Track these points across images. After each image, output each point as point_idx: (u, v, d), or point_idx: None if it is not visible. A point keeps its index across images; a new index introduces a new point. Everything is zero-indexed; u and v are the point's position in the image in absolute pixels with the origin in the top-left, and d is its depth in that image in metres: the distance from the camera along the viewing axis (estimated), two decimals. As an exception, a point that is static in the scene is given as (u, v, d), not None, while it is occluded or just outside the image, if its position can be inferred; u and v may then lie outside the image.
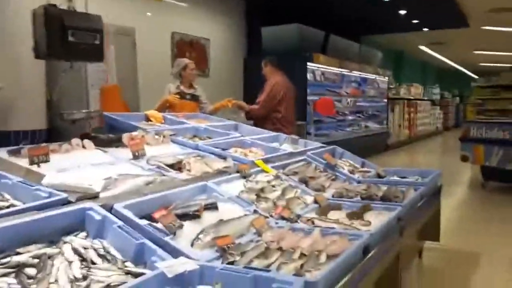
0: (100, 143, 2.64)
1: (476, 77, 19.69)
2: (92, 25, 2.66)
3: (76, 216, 1.64)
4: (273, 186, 2.54)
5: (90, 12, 2.83)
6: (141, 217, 1.81)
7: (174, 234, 1.73)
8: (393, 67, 15.94)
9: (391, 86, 13.47)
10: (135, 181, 2.11)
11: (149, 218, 1.78)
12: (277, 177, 2.70)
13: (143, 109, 4.65)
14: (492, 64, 19.89)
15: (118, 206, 1.76)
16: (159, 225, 1.74)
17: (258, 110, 5.26)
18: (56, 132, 4.20)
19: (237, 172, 2.58)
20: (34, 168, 2.06)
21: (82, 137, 2.68)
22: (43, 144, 2.23)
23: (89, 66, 4.17)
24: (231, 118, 4.68)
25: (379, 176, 3.30)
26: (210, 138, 3.42)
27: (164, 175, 2.33)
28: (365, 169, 3.49)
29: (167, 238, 1.67)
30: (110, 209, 1.75)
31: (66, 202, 1.70)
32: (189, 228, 1.81)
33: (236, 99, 5.29)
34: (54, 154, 2.28)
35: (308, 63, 8.17)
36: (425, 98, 17.21)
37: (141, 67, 5.13)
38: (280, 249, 1.76)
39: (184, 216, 1.87)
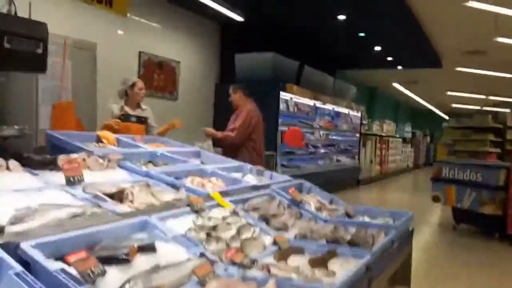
0: (31, 165, 2.28)
1: (447, 118, 20.07)
2: (35, 33, 2.35)
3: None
4: (228, 223, 2.22)
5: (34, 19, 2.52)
6: (57, 260, 1.47)
7: (93, 283, 1.39)
8: (367, 102, 16.08)
9: (364, 122, 13.48)
10: (58, 213, 1.76)
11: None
12: (234, 213, 2.39)
13: (100, 128, 4.30)
14: (463, 106, 20.36)
15: (25, 245, 1.42)
16: (75, 272, 1.40)
17: (234, 137, 5.03)
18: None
19: (188, 205, 2.25)
20: None
21: (13, 157, 2.32)
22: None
23: (42, 80, 3.83)
24: (198, 146, 4.38)
25: (348, 215, 3.03)
26: (166, 164, 3.10)
27: (99, 206, 1.99)
28: (334, 206, 3.22)
29: (82, 289, 1.32)
30: (15, 248, 1.41)
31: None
32: (114, 276, 1.46)
33: (207, 126, 5.06)
34: (-34, 175, 1.92)
35: (281, 93, 7.99)
36: (397, 136, 17.34)
37: (103, 85, 4.80)
38: (224, 305, 1.44)
39: (109, 260, 1.53)
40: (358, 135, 12.55)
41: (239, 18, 7.17)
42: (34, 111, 3.83)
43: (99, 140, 3.34)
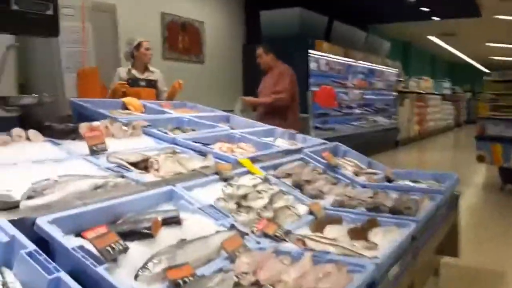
0: (53, 134, 2.19)
1: (488, 71, 19.09)
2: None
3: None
4: (260, 192, 2.07)
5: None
6: (78, 236, 1.38)
7: (114, 261, 1.28)
8: (401, 58, 15.36)
9: (400, 79, 12.93)
10: (79, 184, 1.66)
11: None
12: (265, 180, 2.24)
13: (109, 94, 4.18)
14: (505, 58, 19.24)
15: (42, 221, 1.32)
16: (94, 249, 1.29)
17: (286, 98, 4.73)
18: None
19: (216, 173, 2.12)
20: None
21: (33, 126, 2.23)
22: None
23: (63, 46, 3.71)
24: (243, 116, 4.11)
25: (388, 179, 2.84)
26: (194, 130, 2.97)
27: (123, 176, 1.88)
28: (372, 170, 3.03)
29: (101, 268, 1.22)
30: (32, 224, 1.31)
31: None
32: (137, 253, 1.36)
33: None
34: (-15, 147, 1.84)
35: (310, 51, 7.65)
36: (436, 93, 16.65)
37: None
38: (256, 284, 1.31)
39: (131, 235, 1.42)
40: (394, 93, 12.08)
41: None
42: (59, 79, 3.75)
43: (124, 107, 3.23)
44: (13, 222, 1.26)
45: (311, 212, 2.06)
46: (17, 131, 1.97)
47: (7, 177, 1.63)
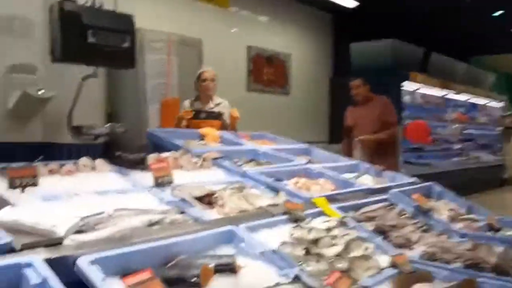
0: (122, 164, 2.14)
1: None
2: (120, 25, 2.22)
3: (7, 276, 1.09)
4: (334, 237, 1.82)
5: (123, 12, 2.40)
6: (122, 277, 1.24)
7: (153, 313, 1.12)
8: (507, 91, 14.06)
9: (507, 113, 11.78)
10: (134, 220, 1.54)
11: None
12: (342, 223, 1.97)
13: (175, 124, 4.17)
14: None
15: (83, 261, 1.20)
16: (133, 297, 1.14)
17: (395, 131, 4.55)
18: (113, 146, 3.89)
19: (285, 213, 1.91)
20: (11, 194, 1.59)
21: (104, 155, 2.22)
22: (36, 163, 1.77)
23: (149, 79, 3.81)
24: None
25: (492, 228, 2.40)
26: (270, 164, 2.80)
27: (183, 212, 1.75)
28: (472, 216, 2.60)
29: (136, 322, 1.06)
30: (73, 263, 1.20)
31: (5, 252, 1.17)
32: (181, 305, 1.18)
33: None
34: (51, 175, 1.82)
35: (403, 83, 7.23)
36: (548, 128, 14.92)
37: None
38: None
39: (178, 283, 1.25)
40: (499, 128, 11.00)
41: (352, 5, 6.61)
42: (143, 110, 3.83)
43: (202, 137, 3.18)
44: (50, 261, 1.15)
45: (394, 265, 1.75)
46: (83, 160, 1.94)
47: (65, 209, 1.56)
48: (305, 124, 6.87)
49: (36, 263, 1.10)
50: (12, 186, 1.60)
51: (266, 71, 6.30)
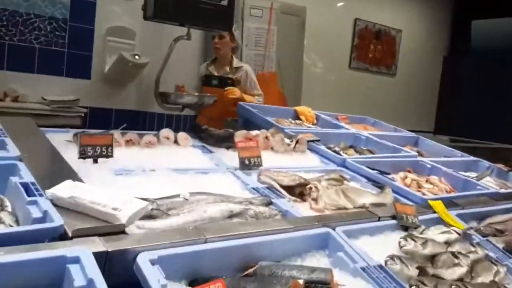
0: (207, 140, 1.92)
1: None
2: (219, -19, 1.98)
3: (49, 269, 0.89)
4: (456, 255, 1.43)
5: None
6: (191, 283, 1.03)
7: None
8: None
9: None
10: (212, 209, 1.30)
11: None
12: (465, 236, 1.57)
13: (303, 102, 3.86)
14: None
15: (143, 259, 0.97)
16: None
17: None
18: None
19: (393, 217, 1.55)
20: (81, 164, 1.42)
21: (190, 128, 2.02)
22: (112, 131, 1.59)
23: (246, 48, 3.56)
24: None
25: None
26: (371, 152, 2.44)
27: (270, 203, 1.47)
28: None
29: None
30: (134, 258, 0.99)
31: (54, 237, 0.97)
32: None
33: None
34: (127, 147, 1.64)
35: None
36: None
37: (310, 53, 4.34)
38: None
39: (255, 302, 0.98)
40: None
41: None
42: (237, 82, 3.61)
43: (296, 116, 2.88)
44: (103, 255, 0.94)
45: (537, 302, 1.33)
46: (164, 132, 1.74)
47: (137, 187, 1.37)
48: (409, 110, 6.24)
49: (85, 258, 0.88)
50: (82, 155, 1.43)
51: (372, 48, 5.77)
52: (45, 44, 3.43)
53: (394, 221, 1.53)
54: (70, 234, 0.98)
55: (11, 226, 1.03)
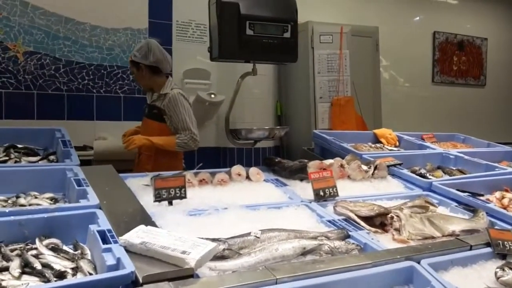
0: (279, 173, 1.90)
1: None
2: (280, 14, 1.97)
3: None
4: None
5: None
6: None
7: None
8: None
9: None
10: (285, 246, 1.26)
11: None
12: None
13: (385, 124, 3.70)
14: None
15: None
16: None
17: None
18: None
19: (488, 244, 1.39)
20: (157, 207, 1.47)
21: (264, 162, 2.01)
22: (185, 172, 1.63)
23: (318, 75, 3.53)
24: None
25: None
26: (462, 172, 2.25)
27: (347, 236, 1.40)
28: None
29: None
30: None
31: (127, 284, 0.99)
32: None
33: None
34: (200, 186, 1.67)
35: None
36: None
37: (387, 73, 4.17)
38: None
39: None
40: None
41: None
42: (312, 110, 3.58)
43: (376, 140, 2.76)
44: (172, 301, 0.94)
45: None
46: (236, 169, 1.74)
47: (211, 225, 1.38)
48: (502, 122, 5.71)
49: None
50: (158, 198, 1.48)
51: (456, 60, 5.43)
52: (129, 93, 3.67)
53: (489, 249, 1.37)
54: (141, 281, 0.99)
55: (90, 273, 1.08)
